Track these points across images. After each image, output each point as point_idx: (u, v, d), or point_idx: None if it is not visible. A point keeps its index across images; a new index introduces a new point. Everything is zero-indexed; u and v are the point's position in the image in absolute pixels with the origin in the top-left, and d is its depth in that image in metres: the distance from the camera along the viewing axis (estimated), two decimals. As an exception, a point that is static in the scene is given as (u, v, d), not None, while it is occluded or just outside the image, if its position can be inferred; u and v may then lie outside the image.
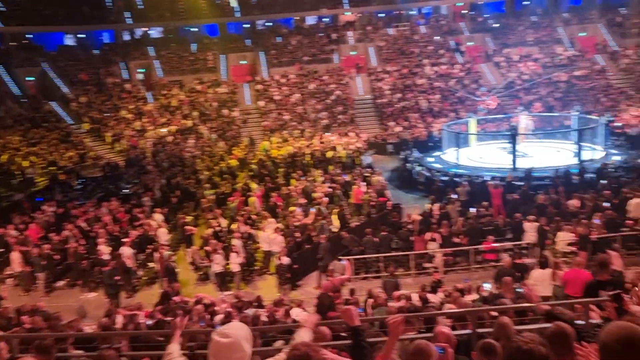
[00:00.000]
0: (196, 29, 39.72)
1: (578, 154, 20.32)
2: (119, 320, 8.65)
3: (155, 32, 40.04)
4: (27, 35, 36.79)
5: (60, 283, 14.32)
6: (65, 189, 20.95)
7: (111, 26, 38.90)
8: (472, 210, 15.85)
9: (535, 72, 33.36)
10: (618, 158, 20.41)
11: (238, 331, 2.42)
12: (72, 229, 15.39)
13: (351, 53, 36.57)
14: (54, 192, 20.16)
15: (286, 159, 24.18)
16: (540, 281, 10.44)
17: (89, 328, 8.51)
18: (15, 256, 13.87)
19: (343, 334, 5.42)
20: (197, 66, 36.19)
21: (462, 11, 40.22)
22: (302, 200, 17.95)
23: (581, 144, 20.83)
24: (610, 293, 4.06)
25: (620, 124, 25.74)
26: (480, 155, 22.62)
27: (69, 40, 38.31)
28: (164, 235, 15.35)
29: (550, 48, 35.47)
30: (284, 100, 33.36)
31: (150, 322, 8.47)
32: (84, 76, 33.87)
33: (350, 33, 38.13)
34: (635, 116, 26.96)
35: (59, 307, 10.71)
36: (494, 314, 5.97)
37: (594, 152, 21.21)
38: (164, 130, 29.70)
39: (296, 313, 9.63)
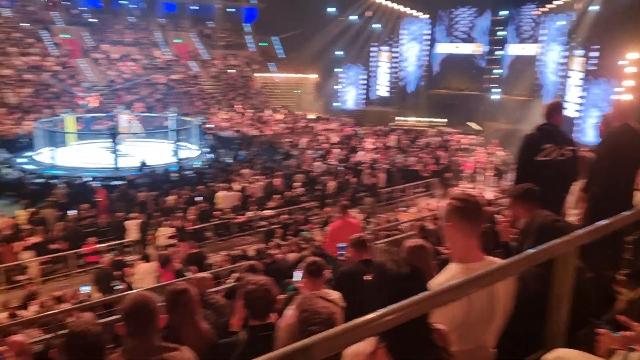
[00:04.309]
0: None
1: (176, 153, 21.84)
2: None
3: None
4: None
5: None
6: None
7: None
8: (72, 212, 14.99)
9: (136, 72, 34.05)
10: (210, 156, 22.87)
11: None
12: None
13: None
14: None
15: None
16: (146, 274, 10.79)
17: None
18: None
19: None
20: None
21: (55, 0, 37.36)
22: None
23: (179, 143, 22.47)
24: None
25: (211, 126, 28.93)
26: (79, 154, 21.61)
27: None
28: None
29: (149, 50, 36.82)
30: None
31: None
32: None
33: None
34: (223, 119, 30.82)
35: None
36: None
37: (190, 151, 23.17)
38: None
39: None
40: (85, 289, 9.44)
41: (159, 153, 22.38)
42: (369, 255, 4.48)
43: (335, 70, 37.78)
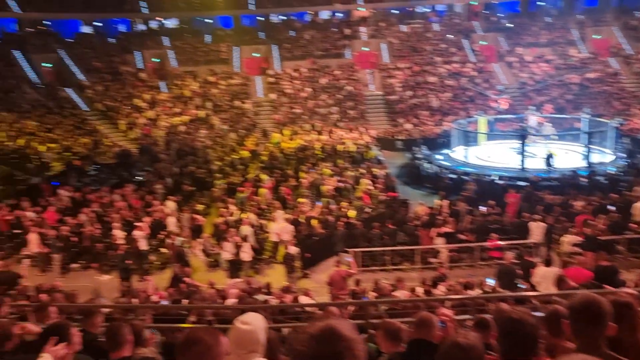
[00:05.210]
0: (210, 21, 40.07)
1: (587, 157, 20.51)
2: (135, 300, 9.04)
3: (170, 23, 40.41)
4: (44, 22, 37.31)
5: (76, 265, 14.75)
6: (80, 174, 21.37)
7: (127, 15, 39.28)
8: (482, 208, 16.05)
9: (548, 73, 33.41)
10: (626, 162, 20.53)
11: (257, 321, 2.55)
12: (88, 213, 15.82)
13: (363, 49, 36.75)
14: (69, 177, 20.60)
15: (296, 151, 24.48)
16: (544, 278, 10.70)
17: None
18: (33, 237, 14.31)
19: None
20: (210, 57, 36.51)
21: (477, 10, 40.22)
22: (311, 193, 18.37)
23: (590, 146, 21.02)
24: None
25: (630, 128, 25.82)
26: (488, 154, 22.82)
27: (86, 28, 38.79)
28: (173, 222, 15.73)
29: (564, 49, 35.44)
30: (296, 94, 33.65)
31: (165, 302, 8.84)
32: (99, 64, 34.26)
33: (363, 29, 38.30)
34: (645, 120, 27.04)
35: (74, 287, 11.03)
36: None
37: (603, 155, 21.35)
38: (176, 119, 30.09)
39: (304, 300, 9.97)
40: (490, 281, 10.05)
41: (568, 156, 21.50)
42: None
43: None
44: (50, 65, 33.09)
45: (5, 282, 10.79)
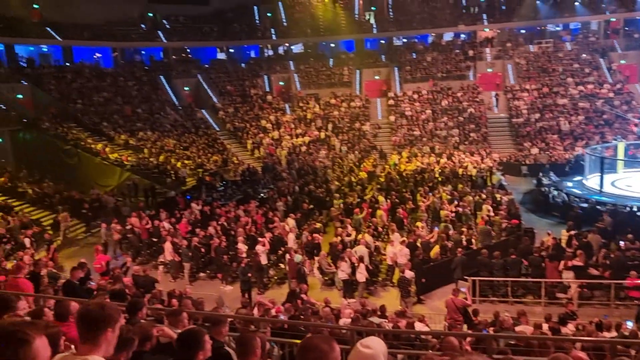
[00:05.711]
0: (334, 45, 41.33)
1: None
2: (255, 311, 9.49)
3: (296, 48, 42.33)
4: (186, 50, 41.08)
5: (203, 274, 15.86)
6: (210, 189, 23.03)
7: (258, 41, 41.85)
8: (621, 243, 14.65)
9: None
10: None
11: (378, 345, 2.53)
12: (216, 226, 16.98)
13: (488, 70, 35.58)
14: (200, 192, 22.28)
15: (414, 174, 24.23)
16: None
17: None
18: (168, 246, 15.65)
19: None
20: (332, 80, 37.62)
21: (616, 27, 37.17)
22: (428, 217, 18.05)
23: None
24: None
25: None
26: (628, 182, 20.84)
27: (221, 55, 42.02)
28: (293, 239, 16.29)
29: None
30: (415, 116, 33.40)
31: (283, 316, 9.18)
32: (231, 87, 36.86)
33: (487, 49, 37.14)
34: None
35: (201, 295, 11.82)
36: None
37: None
38: (298, 140, 31.32)
39: (419, 327, 9.76)
40: (629, 324, 9.13)
41: None
42: None
43: None
44: (189, 89, 36.26)
45: (143, 285, 11.88)
